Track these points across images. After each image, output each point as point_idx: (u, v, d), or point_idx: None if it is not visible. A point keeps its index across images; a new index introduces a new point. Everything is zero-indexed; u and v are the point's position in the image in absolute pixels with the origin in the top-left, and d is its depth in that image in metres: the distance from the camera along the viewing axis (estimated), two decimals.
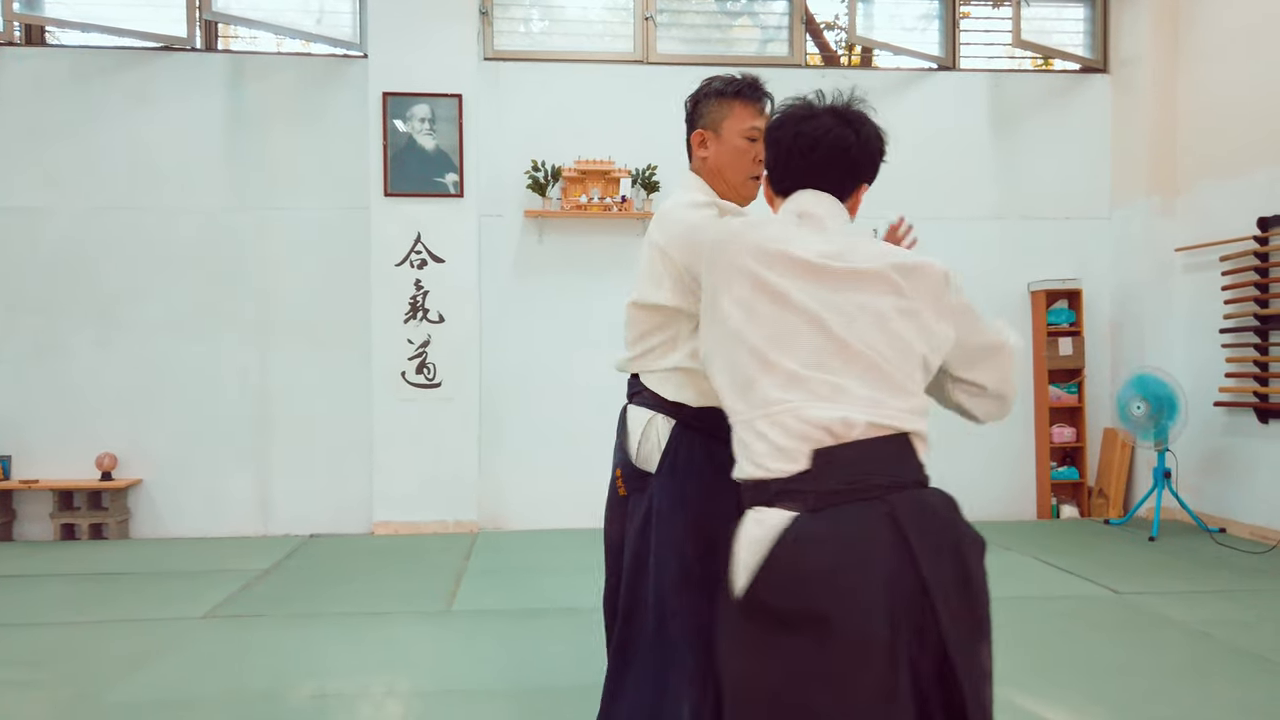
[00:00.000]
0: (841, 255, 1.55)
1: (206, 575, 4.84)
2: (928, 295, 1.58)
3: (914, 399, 1.52)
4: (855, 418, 1.44)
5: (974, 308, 1.66)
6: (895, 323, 1.52)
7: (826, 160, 1.69)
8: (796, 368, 1.49)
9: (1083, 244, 6.56)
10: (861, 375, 1.48)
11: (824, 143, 1.68)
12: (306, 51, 6.29)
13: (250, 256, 6.00)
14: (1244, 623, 3.89)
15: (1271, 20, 5.51)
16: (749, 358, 1.52)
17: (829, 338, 1.50)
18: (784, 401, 1.47)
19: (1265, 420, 5.50)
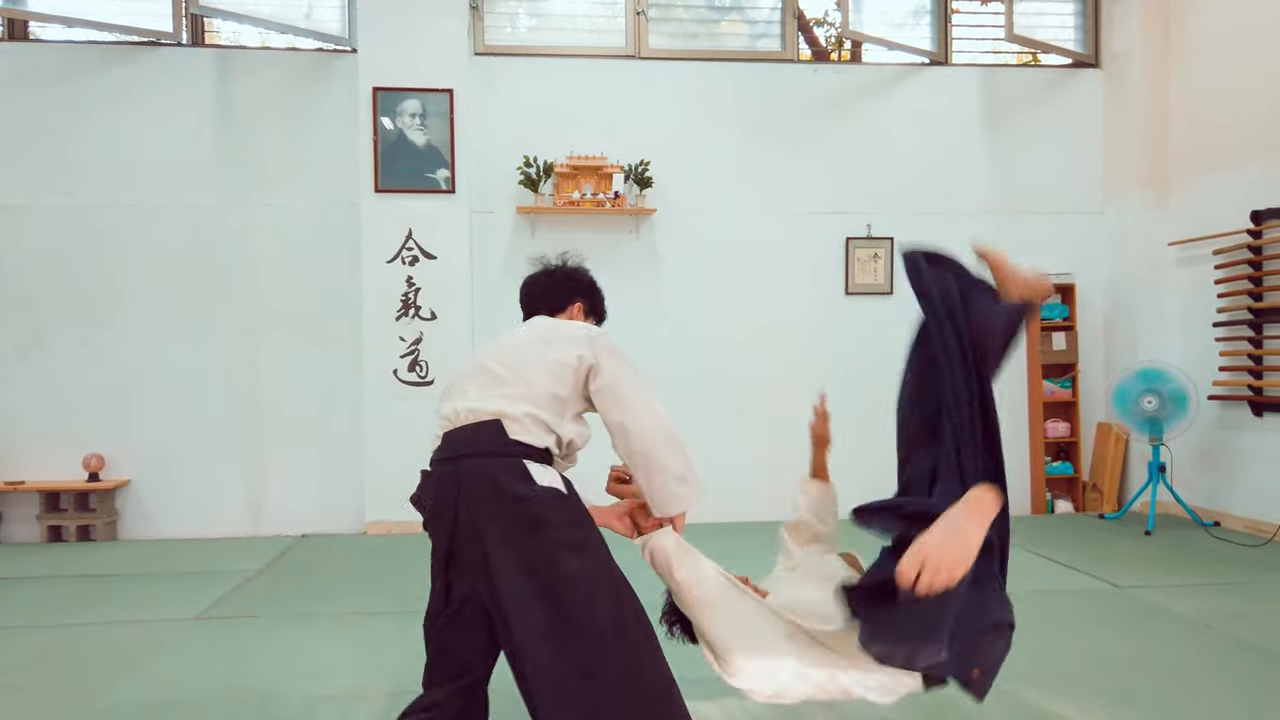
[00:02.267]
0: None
1: (197, 576, 4.77)
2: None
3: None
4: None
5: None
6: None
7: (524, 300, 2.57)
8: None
9: (1076, 239, 6.57)
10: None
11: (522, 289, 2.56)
12: (295, 46, 6.23)
13: (239, 254, 5.93)
14: (1244, 615, 3.89)
15: (1262, 14, 5.52)
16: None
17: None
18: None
19: (1259, 413, 5.51)
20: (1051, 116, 6.60)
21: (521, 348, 2.18)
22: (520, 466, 2.05)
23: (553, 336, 2.19)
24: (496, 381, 2.13)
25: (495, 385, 2.12)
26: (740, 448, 6.23)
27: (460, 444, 2.08)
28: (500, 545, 1.99)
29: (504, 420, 2.07)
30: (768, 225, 6.35)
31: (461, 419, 2.10)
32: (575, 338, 2.18)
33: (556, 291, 2.52)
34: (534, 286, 2.54)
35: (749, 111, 6.34)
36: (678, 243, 6.22)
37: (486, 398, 2.11)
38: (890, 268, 6.38)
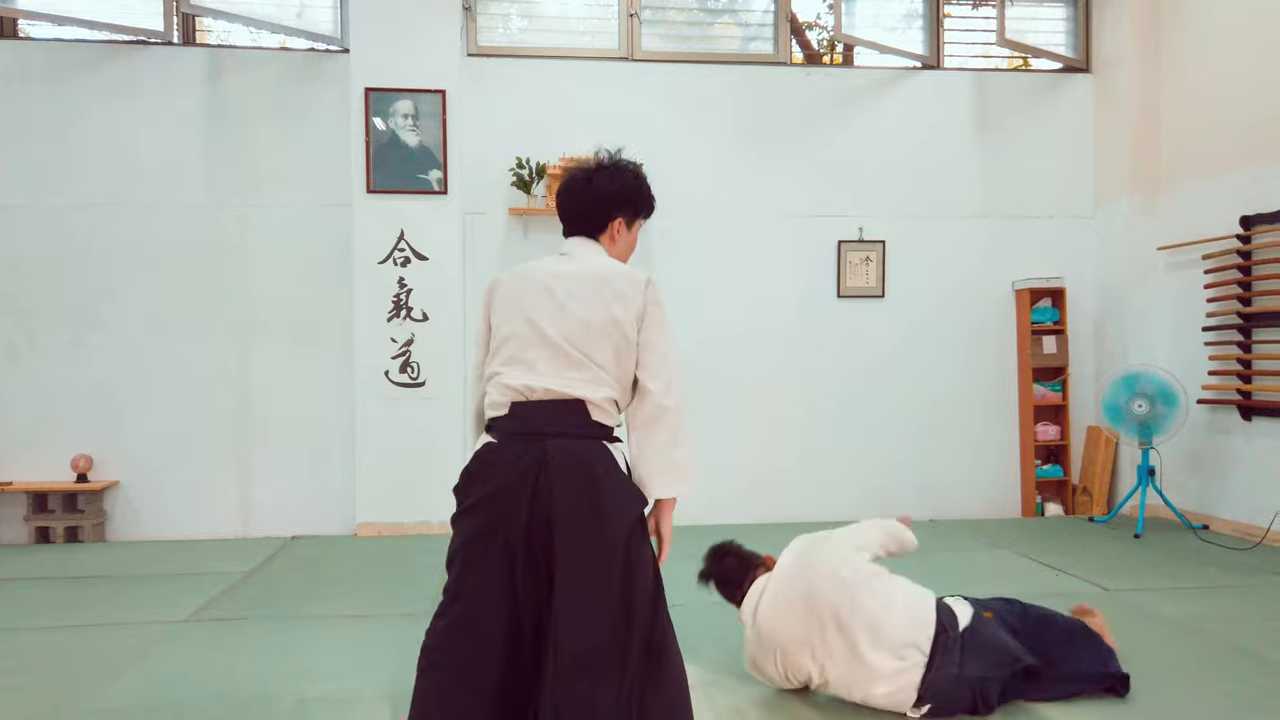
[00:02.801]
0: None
1: (187, 578, 4.74)
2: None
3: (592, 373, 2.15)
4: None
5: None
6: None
7: (564, 208, 2.46)
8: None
9: (1066, 242, 6.60)
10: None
11: (566, 191, 2.44)
12: (287, 46, 6.20)
13: (230, 254, 5.90)
14: (1236, 618, 3.91)
15: (1253, 20, 5.56)
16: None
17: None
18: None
19: (1248, 417, 5.54)
20: (1042, 121, 6.63)
21: (584, 320, 2.14)
22: (608, 452, 2.12)
23: (608, 296, 2.16)
24: (570, 364, 2.12)
25: (570, 368, 2.12)
26: (732, 451, 6.24)
27: (542, 421, 2.09)
28: (586, 531, 2.03)
29: (588, 404, 2.11)
30: (760, 227, 6.35)
31: (538, 394, 2.11)
32: (628, 298, 2.17)
33: (595, 211, 2.36)
34: (571, 207, 2.38)
35: (742, 114, 6.35)
36: (670, 245, 6.22)
37: (565, 381, 2.11)
38: (882, 271, 6.40)
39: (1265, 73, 5.45)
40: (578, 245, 2.34)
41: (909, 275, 6.45)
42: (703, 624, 3.83)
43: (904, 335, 6.43)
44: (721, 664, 3.37)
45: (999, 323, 6.52)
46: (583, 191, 2.35)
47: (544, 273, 2.23)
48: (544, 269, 2.25)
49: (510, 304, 2.22)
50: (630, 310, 2.17)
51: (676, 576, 4.52)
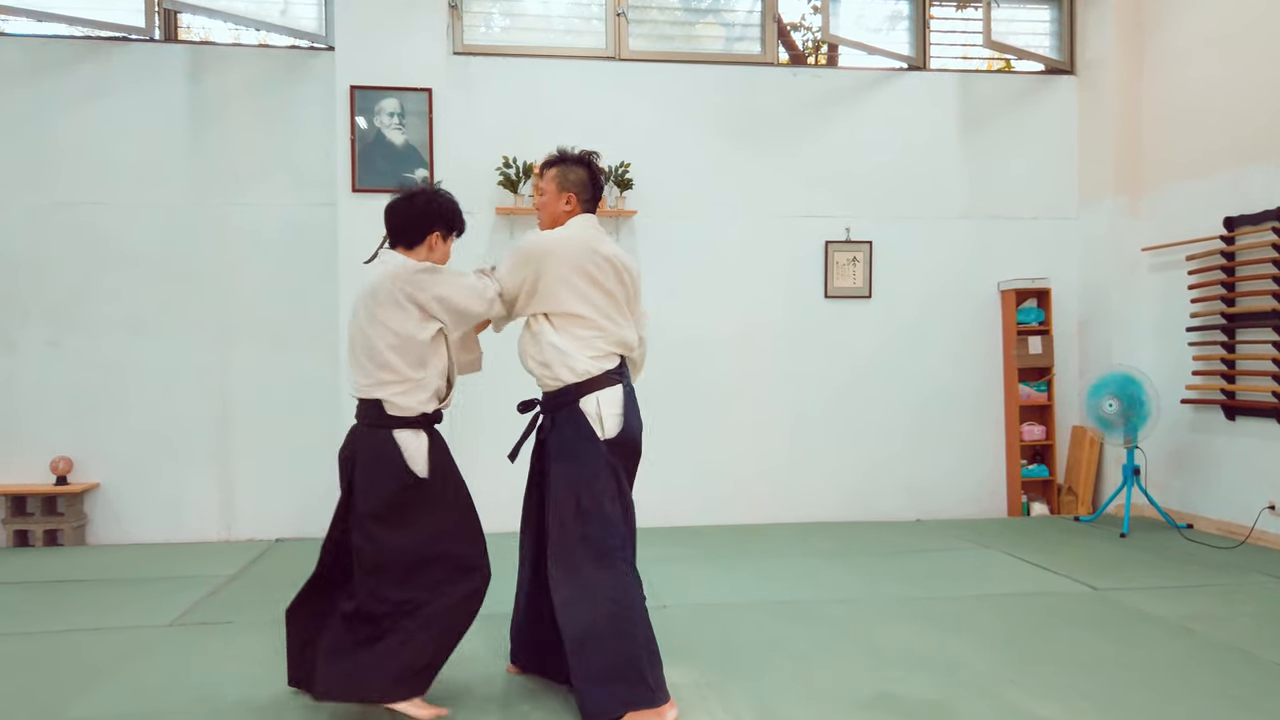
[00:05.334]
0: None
1: (169, 581, 4.68)
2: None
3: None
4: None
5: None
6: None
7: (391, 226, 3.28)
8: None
9: (1051, 244, 6.63)
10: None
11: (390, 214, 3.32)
12: (270, 43, 6.14)
13: (212, 254, 5.83)
14: (1220, 617, 3.93)
15: (1237, 23, 5.60)
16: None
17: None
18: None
19: (1232, 417, 5.58)
20: (1027, 122, 6.65)
21: (366, 332, 3.02)
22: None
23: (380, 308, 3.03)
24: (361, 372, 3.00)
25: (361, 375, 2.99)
26: (719, 451, 6.22)
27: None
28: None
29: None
30: (747, 228, 6.34)
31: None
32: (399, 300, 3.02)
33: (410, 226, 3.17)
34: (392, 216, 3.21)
35: (729, 114, 6.34)
36: (657, 245, 6.20)
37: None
38: (869, 271, 6.40)
39: (1248, 75, 5.49)
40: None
41: (896, 276, 6.46)
42: (697, 625, 3.81)
43: (890, 336, 6.43)
44: (718, 666, 3.35)
45: (984, 323, 6.54)
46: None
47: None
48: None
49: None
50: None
51: (670, 576, 4.51)
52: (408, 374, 2.85)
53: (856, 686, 3.13)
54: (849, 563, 5.02)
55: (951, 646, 3.56)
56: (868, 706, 2.96)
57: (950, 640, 3.64)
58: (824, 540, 5.65)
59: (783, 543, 5.55)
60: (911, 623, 3.88)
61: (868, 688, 3.12)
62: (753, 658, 3.43)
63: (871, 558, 5.13)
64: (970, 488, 6.49)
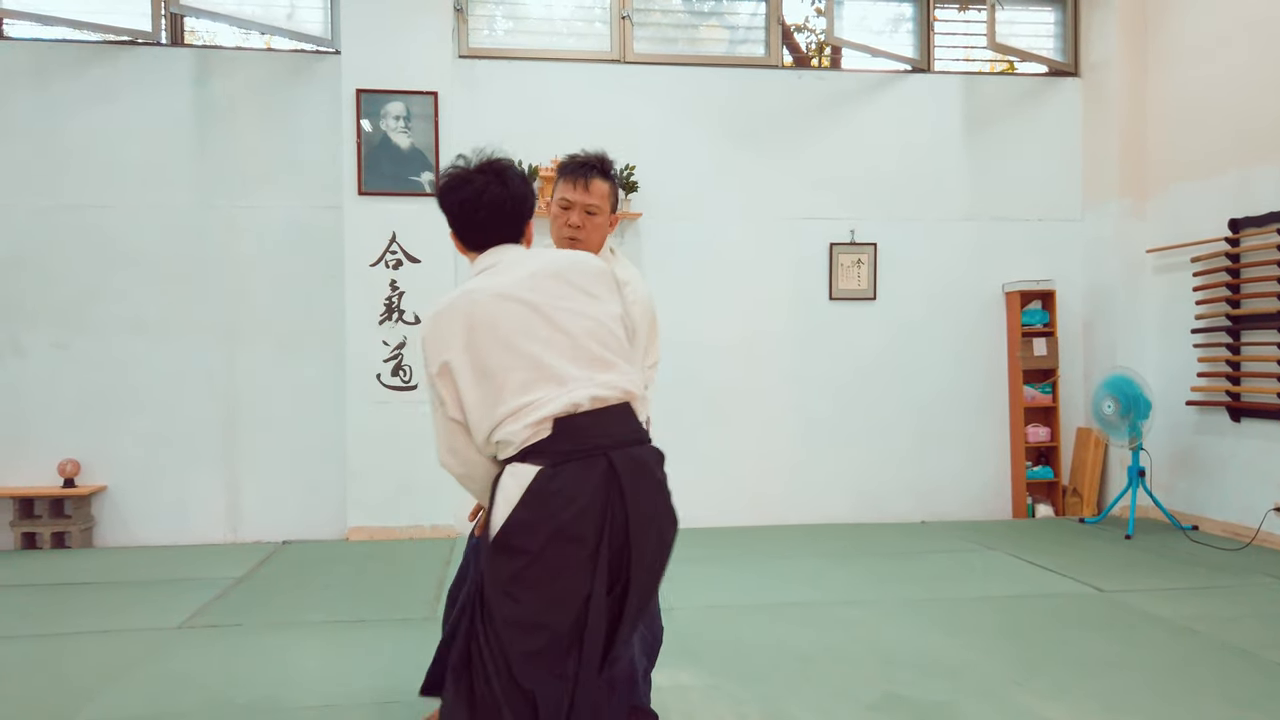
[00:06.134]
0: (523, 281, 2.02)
1: (177, 584, 4.69)
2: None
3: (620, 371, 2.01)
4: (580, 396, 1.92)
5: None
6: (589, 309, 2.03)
7: (491, 219, 2.14)
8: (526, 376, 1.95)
9: (1055, 245, 6.63)
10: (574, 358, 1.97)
11: (483, 203, 2.13)
12: (276, 47, 6.16)
13: (219, 256, 5.85)
14: (1226, 618, 3.93)
15: (1240, 24, 5.60)
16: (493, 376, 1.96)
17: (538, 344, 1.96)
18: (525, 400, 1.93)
19: (1237, 419, 5.58)
20: (1031, 124, 6.66)
21: (590, 314, 2.03)
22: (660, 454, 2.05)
23: (594, 288, 2.09)
24: (601, 364, 1.98)
25: (601, 368, 1.98)
26: (724, 453, 6.23)
27: (599, 433, 1.92)
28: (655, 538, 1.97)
29: (632, 403, 2.03)
30: (752, 230, 6.35)
31: (584, 405, 1.92)
32: (610, 284, 2.15)
33: (522, 210, 2.19)
34: (503, 205, 2.14)
35: (733, 116, 6.35)
36: (662, 247, 6.21)
37: (602, 381, 1.97)
38: (873, 273, 6.41)
39: (1252, 76, 5.49)
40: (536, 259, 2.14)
41: (900, 278, 6.46)
42: (705, 627, 3.82)
43: (895, 337, 6.44)
44: (726, 668, 3.36)
45: (989, 325, 6.55)
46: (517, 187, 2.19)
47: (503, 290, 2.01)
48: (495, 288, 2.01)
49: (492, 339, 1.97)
50: (620, 301, 2.17)
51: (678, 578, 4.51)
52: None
53: (864, 688, 3.14)
54: (855, 564, 5.03)
55: (958, 648, 3.57)
56: (876, 708, 2.97)
57: (957, 642, 3.65)
58: (830, 542, 5.66)
59: (789, 544, 5.56)
60: (918, 625, 3.88)
61: (875, 689, 3.13)
62: (761, 659, 3.44)
63: (878, 559, 5.14)
64: (975, 489, 6.49)
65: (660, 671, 3.10)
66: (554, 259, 2.09)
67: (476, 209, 2.12)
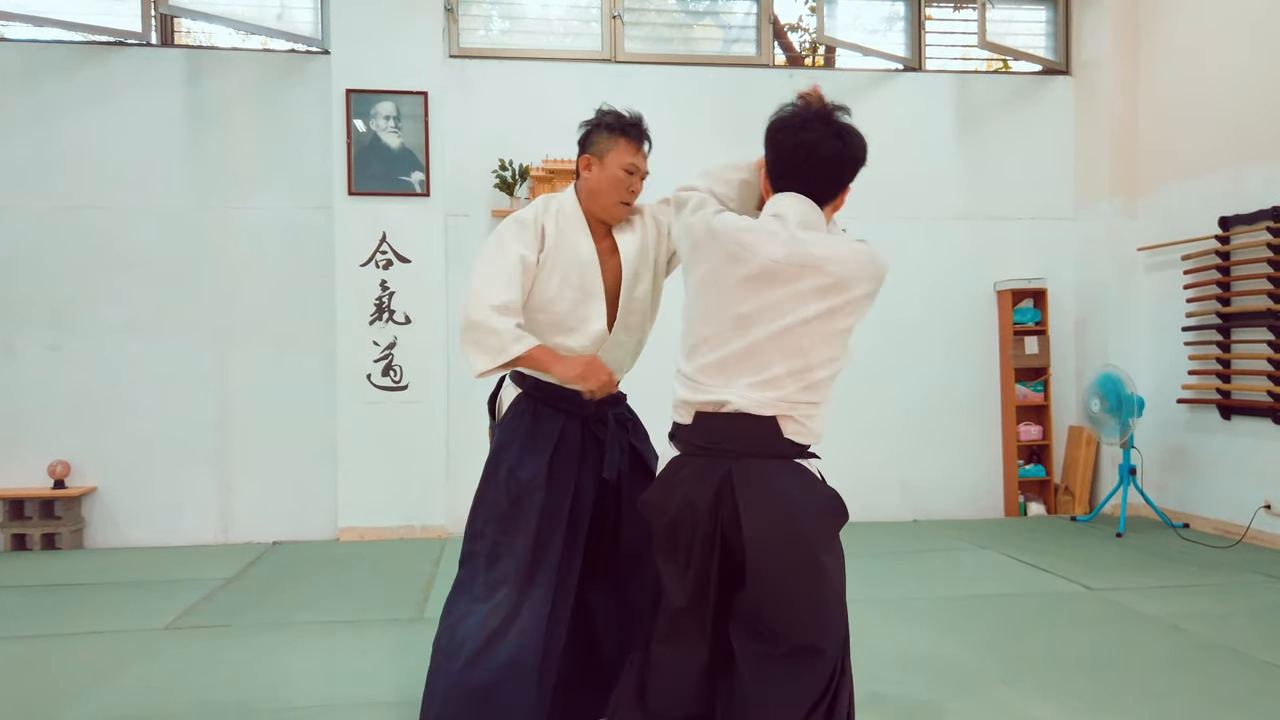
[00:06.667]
0: (791, 258, 1.95)
1: (166, 585, 4.69)
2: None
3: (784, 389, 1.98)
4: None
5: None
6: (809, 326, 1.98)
7: (817, 169, 2.05)
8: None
9: (1047, 244, 6.63)
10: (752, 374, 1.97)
11: (817, 153, 2.03)
12: (268, 47, 6.16)
13: (210, 257, 5.84)
14: (1214, 616, 3.93)
15: (1231, 22, 5.61)
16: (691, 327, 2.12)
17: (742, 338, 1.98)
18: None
19: (1227, 417, 5.58)
20: (1023, 123, 6.66)
21: (790, 322, 1.96)
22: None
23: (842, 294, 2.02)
24: (765, 381, 1.99)
25: (763, 386, 1.99)
26: None
27: (728, 438, 1.99)
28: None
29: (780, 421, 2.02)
30: None
31: (729, 407, 1.99)
32: (862, 295, 2.09)
33: (848, 172, 2.10)
34: (819, 152, 2.02)
35: (725, 116, 6.34)
36: None
37: (756, 400, 2.00)
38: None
39: (1243, 75, 5.49)
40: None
41: (892, 276, 6.33)
42: None
43: (887, 336, 6.42)
44: None
45: (981, 323, 6.55)
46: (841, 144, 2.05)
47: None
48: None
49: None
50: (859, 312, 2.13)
51: None
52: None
53: None
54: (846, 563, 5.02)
55: (945, 647, 3.57)
56: (860, 707, 2.95)
57: (944, 640, 3.65)
58: None
59: None
60: (907, 623, 3.88)
61: (860, 688, 3.10)
62: None
63: (868, 559, 5.14)
64: (967, 488, 6.49)
65: None
66: (819, 253, 1.97)
67: (806, 158, 2.04)
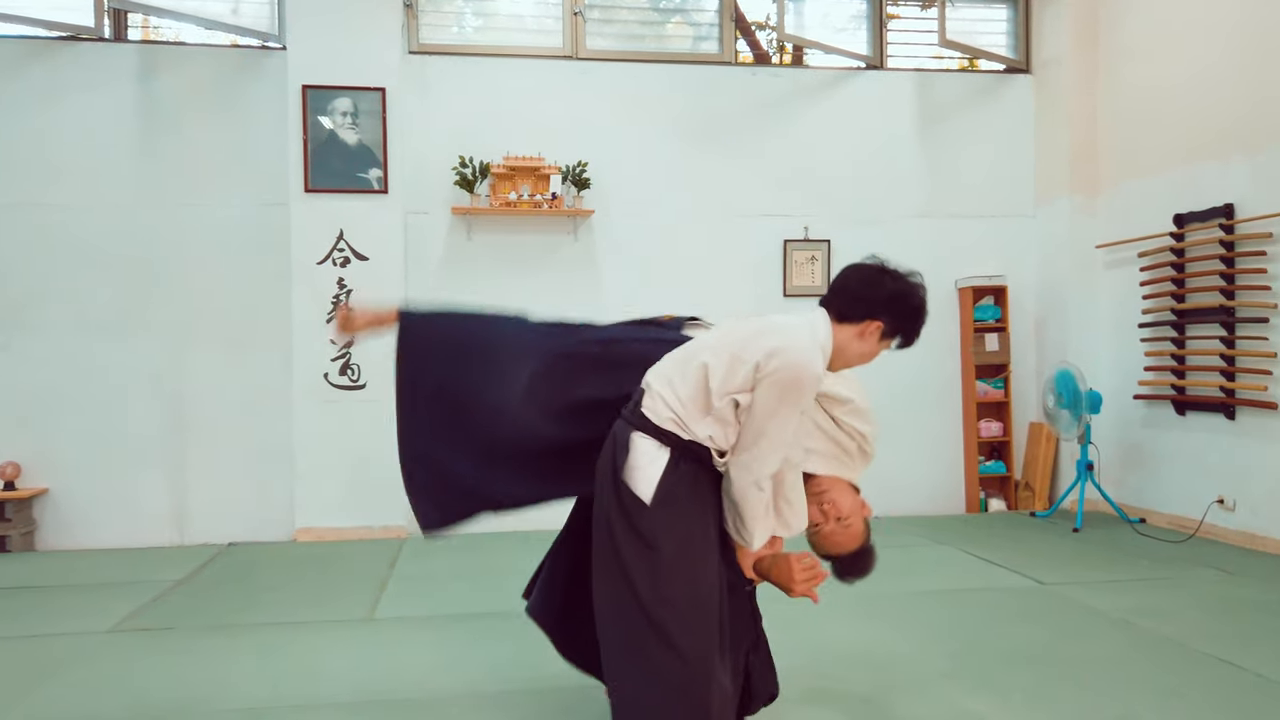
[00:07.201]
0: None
1: (116, 587, 4.62)
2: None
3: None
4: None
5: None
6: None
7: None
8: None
9: (1008, 241, 6.67)
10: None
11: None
12: (222, 42, 6.09)
13: (164, 255, 5.77)
14: (1163, 610, 3.96)
15: (1187, 22, 5.65)
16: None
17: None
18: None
19: (1182, 412, 5.63)
20: (984, 121, 6.69)
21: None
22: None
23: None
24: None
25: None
26: None
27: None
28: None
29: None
30: (706, 227, 6.34)
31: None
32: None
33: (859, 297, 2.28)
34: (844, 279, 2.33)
35: (687, 113, 6.34)
36: (616, 244, 6.19)
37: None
38: (827, 269, 6.41)
39: (1198, 73, 5.54)
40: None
41: None
42: None
43: None
44: None
45: (942, 321, 6.56)
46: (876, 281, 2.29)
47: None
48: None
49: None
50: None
51: None
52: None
53: (792, 682, 3.11)
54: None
55: (892, 642, 3.57)
56: (800, 702, 2.96)
57: (892, 636, 3.65)
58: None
59: None
60: (856, 619, 3.88)
61: (802, 684, 3.12)
62: None
63: None
64: (929, 484, 6.51)
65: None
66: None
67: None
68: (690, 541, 2.15)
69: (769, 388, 2.08)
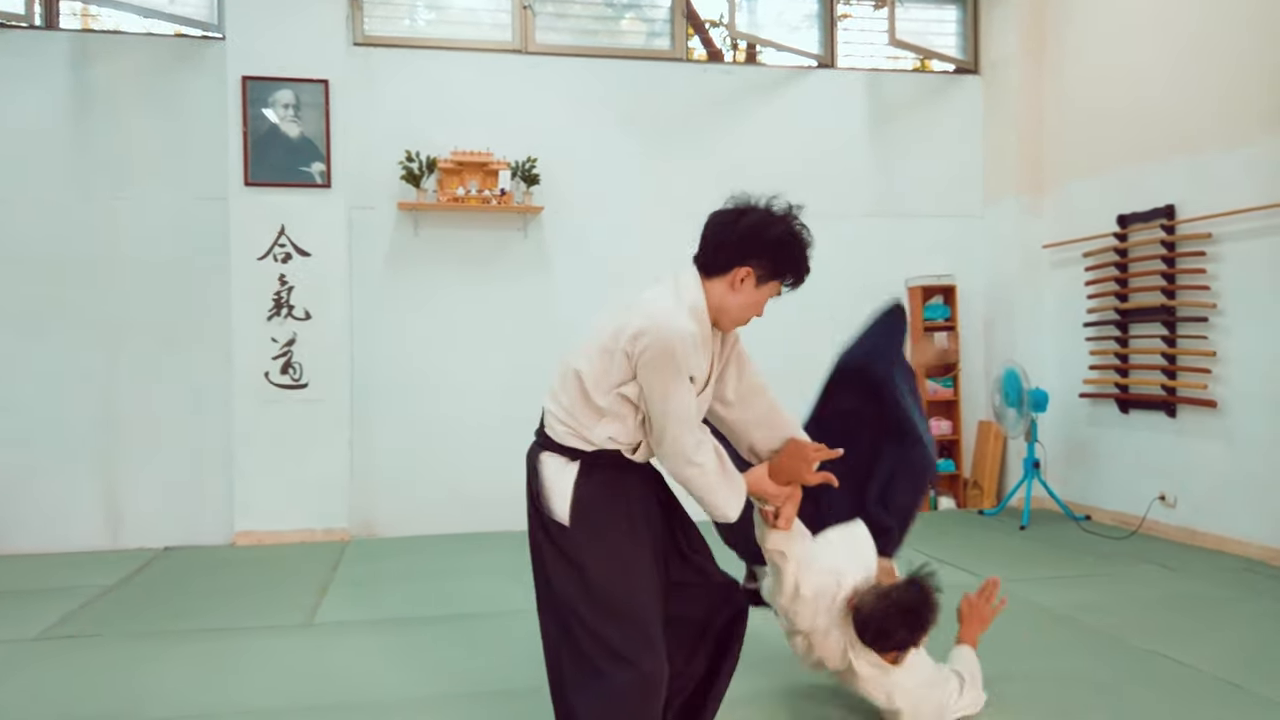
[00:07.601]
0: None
1: (44, 594, 4.45)
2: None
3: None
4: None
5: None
6: None
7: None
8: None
9: (957, 241, 6.71)
10: None
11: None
12: (166, 32, 5.91)
13: (97, 250, 5.57)
14: (1105, 606, 4.00)
15: (1131, 25, 5.73)
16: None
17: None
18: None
19: (1125, 411, 5.71)
20: (934, 121, 6.73)
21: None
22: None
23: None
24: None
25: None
26: None
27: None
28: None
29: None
30: (657, 224, 6.28)
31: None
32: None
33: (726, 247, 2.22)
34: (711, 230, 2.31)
35: (638, 110, 6.28)
36: (567, 242, 6.12)
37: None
38: None
39: (1141, 75, 5.62)
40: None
41: None
42: None
43: (801, 332, 6.43)
44: None
45: None
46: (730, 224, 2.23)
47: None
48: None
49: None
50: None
51: None
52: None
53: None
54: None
55: None
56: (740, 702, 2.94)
57: None
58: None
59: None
60: None
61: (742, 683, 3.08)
62: None
63: None
64: None
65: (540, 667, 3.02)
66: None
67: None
68: (616, 554, 2.13)
69: (648, 372, 2.07)
